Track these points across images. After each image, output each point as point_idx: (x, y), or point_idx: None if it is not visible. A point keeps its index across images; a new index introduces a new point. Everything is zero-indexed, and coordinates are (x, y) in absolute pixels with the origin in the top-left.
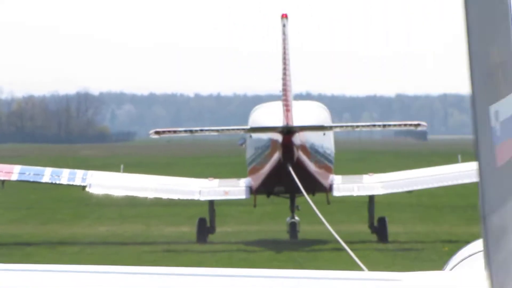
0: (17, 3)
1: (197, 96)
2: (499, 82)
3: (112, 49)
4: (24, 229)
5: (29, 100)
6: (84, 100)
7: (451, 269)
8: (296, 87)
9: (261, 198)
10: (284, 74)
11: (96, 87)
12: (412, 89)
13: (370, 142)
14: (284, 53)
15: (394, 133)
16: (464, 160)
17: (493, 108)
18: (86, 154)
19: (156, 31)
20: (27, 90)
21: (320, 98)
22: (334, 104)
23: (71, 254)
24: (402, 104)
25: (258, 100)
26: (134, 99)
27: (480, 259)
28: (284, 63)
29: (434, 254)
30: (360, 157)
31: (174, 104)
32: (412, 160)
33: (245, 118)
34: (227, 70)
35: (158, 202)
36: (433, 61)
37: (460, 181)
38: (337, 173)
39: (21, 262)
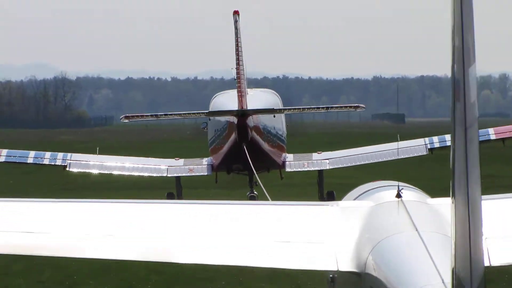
0: None
1: (174, 80)
2: None
3: (88, 33)
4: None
5: (7, 85)
6: (61, 85)
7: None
8: (273, 71)
9: (224, 176)
10: (238, 64)
11: (73, 72)
12: (389, 71)
13: (348, 125)
14: (237, 45)
15: (372, 116)
16: None
17: None
18: (65, 139)
19: (134, 16)
20: (4, 75)
21: (297, 82)
22: (312, 87)
23: None
24: (380, 87)
25: (232, 82)
26: (111, 84)
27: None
28: (237, 55)
29: None
30: (336, 140)
31: (151, 89)
32: (387, 143)
33: None
34: (204, 55)
35: (134, 186)
36: (410, 44)
37: (399, 157)
38: None
39: None
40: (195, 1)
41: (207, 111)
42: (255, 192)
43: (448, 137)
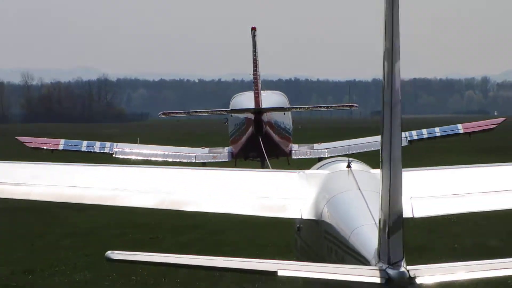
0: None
1: (201, 82)
2: None
3: (127, 40)
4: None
5: (57, 86)
6: (103, 85)
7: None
8: (286, 74)
9: (241, 162)
10: (255, 71)
11: (114, 74)
12: None
13: (350, 120)
14: (254, 55)
15: (371, 113)
16: None
17: None
18: (107, 132)
19: (167, 26)
20: (55, 77)
21: (307, 83)
22: (319, 88)
23: (95, 215)
24: (378, 88)
25: (250, 84)
26: (146, 84)
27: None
28: (254, 63)
29: None
30: (340, 133)
31: (181, 88)
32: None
33: None
34: (227, 59)
35: None
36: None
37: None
38: None
39: (55, 223)
40: (220, 13)
41: (230, 109)
42: None
43: (424, 131)
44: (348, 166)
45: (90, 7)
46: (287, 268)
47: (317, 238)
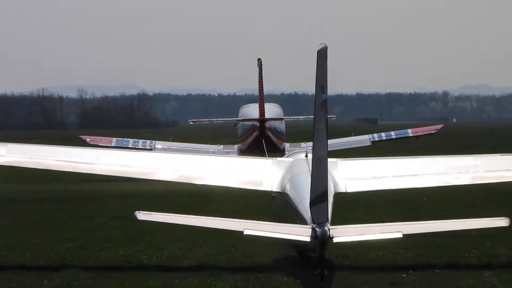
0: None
1: (220, 96)
2: None
3: (162, 61)
4: (99, 187)
5: (105, 99)
6: (143, 99)
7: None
8: (288, 89)
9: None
10: (260, 90)
11: (151, 90)
12: (367, 89)
13: (337, 126)
14: (260, 79)
15: (355, 120)
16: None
17: None
18: (145, 136)
19: (195, 51)
20: (103, 92)
21: (304, 96)
22: (313, 101)
23: (135, 203)
24: (360, 100)
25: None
26: (177, 98)
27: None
28: (260, 85)
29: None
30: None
31: (204, 101)
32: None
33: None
34: (242, 77)
35: None
36: (381, 68)
37: (355, 146)
38: None
39: (100, 209)
40: (234, 38)
41: (242, 118)
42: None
43: (383, 134)
44: (306, 156)
45: (135, 33)
46: (251, 228)
47: (282, 205)
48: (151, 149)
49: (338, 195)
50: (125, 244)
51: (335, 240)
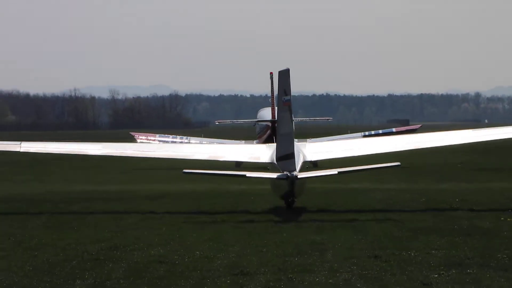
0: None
1: (252, 97)
2: None
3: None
4: (127, 188)
5: (137, 100)
6: (175, 99)
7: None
8: (319, 90)
9: None
10: (272, 101)
11: (183, 90)
12: (399, 89)
13: (371, 127)
14: (272, 91)
15: (387, 121)
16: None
17: None
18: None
19: (228, 50)
20: (135, 93)
21: (336, 97)
22: (345, 101)
23: (165, 203)
24: (392, 101)
25: (292, 98)
26: (209, 99)
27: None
28: (272, 96)
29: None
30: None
31: (236, 102)
32: None
33: None
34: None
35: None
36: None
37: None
38: None
39: (132, 209)
40: (264, 39)
41: (258, 119)
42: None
43: (373, 131)
44: None
45: (166, 33)
46: (253, 175)
47: (272, 168)
48: (187, 142)
49: (306, 162)
50: (157, 244)
51: (299, 176)
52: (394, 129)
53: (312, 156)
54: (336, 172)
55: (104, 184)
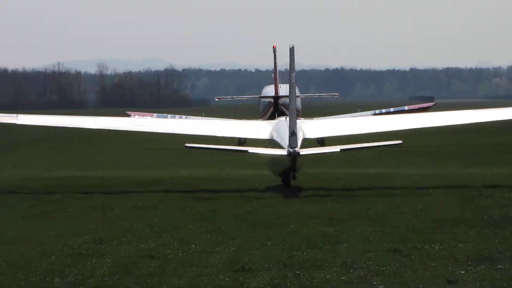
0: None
1: (257, 71)
2: None
3: (191, 33)
4: (122, 173)
5: (128, 75)
6: (170, 74)
7: None
8: (333, 64)
9: None
10: (275, 76)
11: (179, 65)
12: (422, 63)
13: (391, 104)
14: (275, 66)
15: (409, 98)
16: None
17: None
18: None
19: (228, 21)
20: (126, 67)
21: (352, 72)
22: (363, 76)
23: (158, 190)
24: (415, 76)
25: (303, 72)
26: (209, 74)
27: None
28: (275, 71)
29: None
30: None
31: (239, 78)
32: None
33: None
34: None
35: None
36: (439, 41)
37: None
38: None
39: (121, 197)
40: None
41: (262, 95)
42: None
43: (384, 110)
44: (286, 119)
45: (158, 2)
46: (256, 150)
47: (270, 144)
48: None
49: (305, 139)
50: (148, 237)
51: (301, 153)
52: (406, 107)
53: (311, 134)
54: (339, 150)
55: (91, 169)
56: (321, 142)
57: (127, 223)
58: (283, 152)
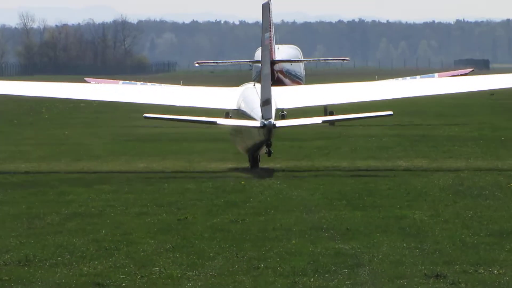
0: None
1: (242, 24)
2: None
3: None
4: (57, 166)
5: (63, 29)
6: (121, 28)
7: None
8: (348, 14)
9: None
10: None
11: (134, 15)
12: (473, 14)
13: (429, 70)
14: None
15: (454, 62)
16: None
17: None
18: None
19: None
20: (61, 18)
21: (374, 25)
22: (390, 31)
23: (107, 192)
24: (462, 31)
25: (308, 25)
26: (175, 28)
27: None
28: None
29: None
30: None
31: (218, 33)
32: None
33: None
34: None
35: (200, 138)
36: None
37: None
38: None
39: (55, 200)
40: None
41: (253, 60)
42: (284, 112)
43: (409, 78)
44: (254, 85)
45: None
46: (224, 122)
47: (237, 116)
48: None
49: (278, 110)
50: (93, 257)
51: (277, 125)
52: (436, 75)
53: (284, 104)
54: (320, 121)
55: (11, 161)
56: (331, 113)
57: (63, 236)
58: (256, 124)
